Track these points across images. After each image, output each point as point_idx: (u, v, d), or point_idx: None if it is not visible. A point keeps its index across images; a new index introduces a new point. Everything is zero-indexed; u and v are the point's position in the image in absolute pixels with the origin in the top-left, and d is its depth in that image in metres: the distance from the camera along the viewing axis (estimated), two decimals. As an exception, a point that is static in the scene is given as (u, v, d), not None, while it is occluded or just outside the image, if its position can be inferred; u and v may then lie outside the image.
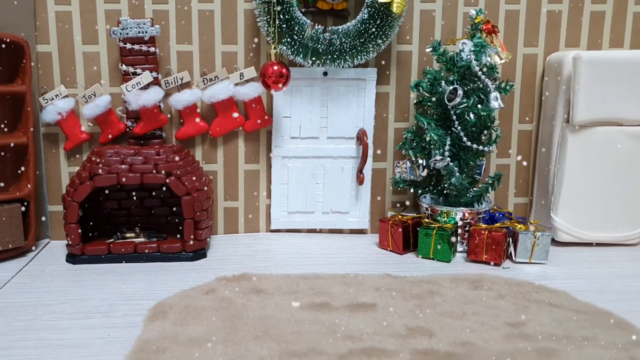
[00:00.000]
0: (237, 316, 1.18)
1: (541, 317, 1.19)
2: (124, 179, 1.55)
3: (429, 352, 1.01)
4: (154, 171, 1.58)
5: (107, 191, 1.75)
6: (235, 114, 1.77)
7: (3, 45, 1.58)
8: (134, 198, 1.78)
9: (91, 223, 1.72)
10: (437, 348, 1.03)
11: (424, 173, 1.70)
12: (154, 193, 1.78)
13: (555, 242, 1.76)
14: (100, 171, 1.56)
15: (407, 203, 1.89)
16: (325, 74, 1.78)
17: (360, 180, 1.82)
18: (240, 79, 1.76)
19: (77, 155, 1.78)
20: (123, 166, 1.57)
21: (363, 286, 1.36)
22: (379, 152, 1.85)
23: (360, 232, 1.89)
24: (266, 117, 1.78)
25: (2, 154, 1.64)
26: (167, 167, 1.58)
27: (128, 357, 1.04)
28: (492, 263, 1.58)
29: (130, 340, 1.13)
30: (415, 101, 1.80)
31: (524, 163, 1.89)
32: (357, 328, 1.12)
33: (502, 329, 1.12)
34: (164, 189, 1.74)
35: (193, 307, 1.23)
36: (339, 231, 1.89)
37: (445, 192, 1.74)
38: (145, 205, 1.79)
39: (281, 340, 1.07)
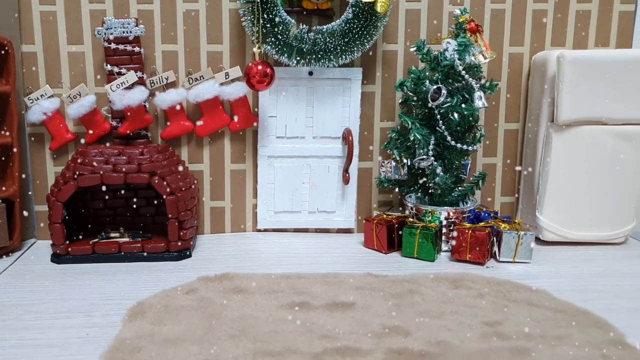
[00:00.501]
0: (215, 316, 1.18)
1: (519, 316, 1.19)
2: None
3: (403, 351, 1.02)
4: (138, 171, 1.58)
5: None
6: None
7: (-13, 46, 1.59)
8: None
9: (77, 223, 1.72)
10: (411, 347, 1.03)
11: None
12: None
13: (541, 241, 1.76)
14: (84, 171, 1.56)
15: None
16: (310, 73, 1.78)
17: (346, 180, 1.82)
18: (226, 78, 1.76)
19: (64, 155, 1.78)
20: (107, 166, 1.58)
21: (344, 285, 1.37)
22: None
23: (347, 231, 1.89)
24: (253, 122, 1.78)
25: (-13, 154, 1.65)
26: (150, 166, 1.58)
27: (103, 356, 1.04)
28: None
29: (108, 339, 1.13)
30: (400, 100, 1.80)
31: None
32: (334, 327, 1.13)
33: (478, 328, 1.12)
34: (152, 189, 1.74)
35: (172, 307, 1.23)
36: (326, 230, 1.89)
37: (430, 191, 1.74)
38: (131, 205, 1.79)
39: (257, 339, 1.07)
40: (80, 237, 1.68)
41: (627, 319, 1.22)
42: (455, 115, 1.61)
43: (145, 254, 1.61)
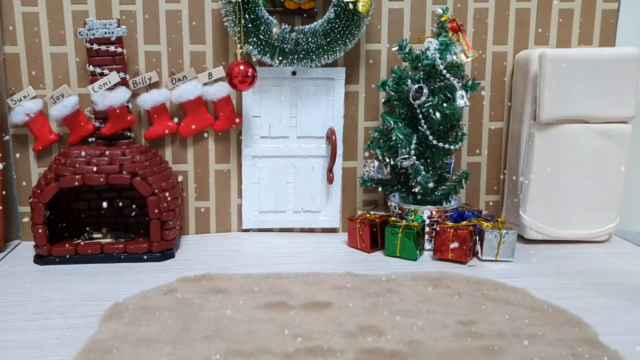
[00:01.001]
0: (191, 316, 1.18)
1: (494, 315, 1.19)
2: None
3: (374, 351, 1.02)
4: (120, 171, 1.58)
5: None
6: (237, 120, 1.77)
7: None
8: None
9: (62, 224, 1.73)
10: (383, 347, 1.03)
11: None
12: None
13: (525, 240, 1.76)
14: (65, 172, 1.56)
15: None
16: (294, 73, 1.78)
17: (330, 179, 1.82)
18: (209, 78, 1.76)
19: (48, 156, 1.78)
20: (88, 167, 1.58)
21: (323, 285, 1.37)
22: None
23: (332, 230, 1.89)
24: (237, 120, 1.78)
25: (-30, 155, 1.65)
26: (132, 167, 1.58)
27: (76, 357, 1.04)
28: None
29: (84, 340, 1.14)
30: (383, 100, 1.80)
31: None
32: (309, 327, 1.13)
33: (452, 328, 1.12)
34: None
35: (149, 308, 1.23)
36: (311, 230, 1.89)
37: (413, 190, 1.74)
38: (115, 205, 1.79)
39: (230, 340, 1.07)
40: (75, 239, 1.68)
41: (602, 317, 1.23)
42: (437, 114, 1.60)
43: (127, 254, 1.62)
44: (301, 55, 1.70)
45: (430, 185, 1.66)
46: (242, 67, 1.63)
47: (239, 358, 1.00)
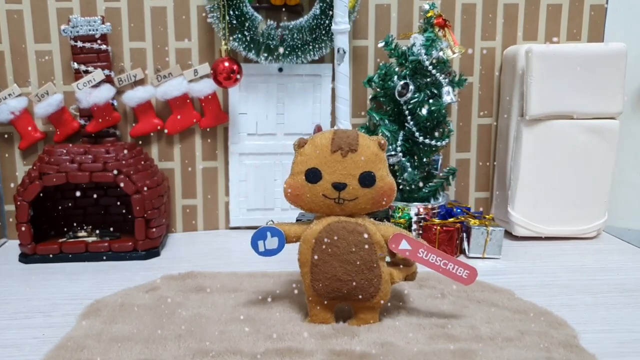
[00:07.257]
0: (167, 315, 1.17)
1: (475, 317, 1.16)
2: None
3: (343, 352, 1.00)
4: (104, 169, 1.57)
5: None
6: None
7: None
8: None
9: (48, 222, 1.72)
10: (353, 349, 1.02)
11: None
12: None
13: (513, 237, 1.75)
14: (49, 170, 1.56)
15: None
16: (280, 70, 1.77)
17: (317, 177, 1.80)
18: (195, 75, 1.75)
19: (33, 154, 1.77)
20: (72, 165, 1.57)
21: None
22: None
23: (320, 228, 1.88)
24: (223, 119, 1.78)
25: (-46, 154, 1.64)
26: (116, 165, 1.57)
27: (48, 354, 1.03)
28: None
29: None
30: (371, 96, 1.79)
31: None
32: (283, 328, 1.11)
33: (429, 330, 1.11)
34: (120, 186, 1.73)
35: (128, 306, 1.22)
36: (299, 227, 1.88)
37: (400, 187, 1.73)
38: (101, 203, 1.78)
39: (202, 340, 1.06)
40: (60, 237, 1.68)
41: (584, 314, 1.22)
42: (423, 110, 1.59)
43: (112, 253, 1.61)
44: (287, 52, 1.68)
45: (418, 182, 1.64)
46: (227, 64, 1.62)
47: (206, 358, 0.99)
